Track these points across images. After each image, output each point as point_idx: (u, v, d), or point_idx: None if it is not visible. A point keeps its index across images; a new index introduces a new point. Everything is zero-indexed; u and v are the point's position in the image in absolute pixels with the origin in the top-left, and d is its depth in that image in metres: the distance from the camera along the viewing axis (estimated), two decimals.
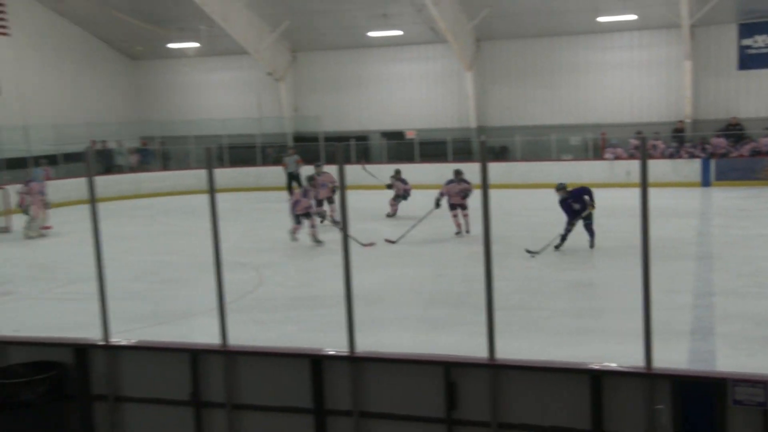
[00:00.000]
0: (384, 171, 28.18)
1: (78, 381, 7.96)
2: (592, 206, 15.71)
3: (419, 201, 20.44)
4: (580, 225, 15.76)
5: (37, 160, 26.97)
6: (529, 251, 15.37)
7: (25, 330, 9.77)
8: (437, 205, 18.33)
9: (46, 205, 20.54)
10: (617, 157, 27.25)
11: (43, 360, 8.06)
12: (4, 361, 8.20)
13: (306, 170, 24.64)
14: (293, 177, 26.19)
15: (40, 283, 14.75)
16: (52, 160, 28.04)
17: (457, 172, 18.68)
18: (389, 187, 22.33)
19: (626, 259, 14.06)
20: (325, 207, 19.71)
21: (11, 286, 13.90)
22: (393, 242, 17.19)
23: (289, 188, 25.86)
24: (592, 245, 15.78)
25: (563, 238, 15.57)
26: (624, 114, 28.91)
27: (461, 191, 18.24)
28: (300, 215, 16.99)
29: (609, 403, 6.55)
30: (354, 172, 25.63)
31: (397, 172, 22.65)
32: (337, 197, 19.05)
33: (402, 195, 22.07)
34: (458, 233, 18.06)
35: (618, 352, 7.59)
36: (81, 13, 31.35)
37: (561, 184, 16.35)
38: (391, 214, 21.73)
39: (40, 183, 20.85)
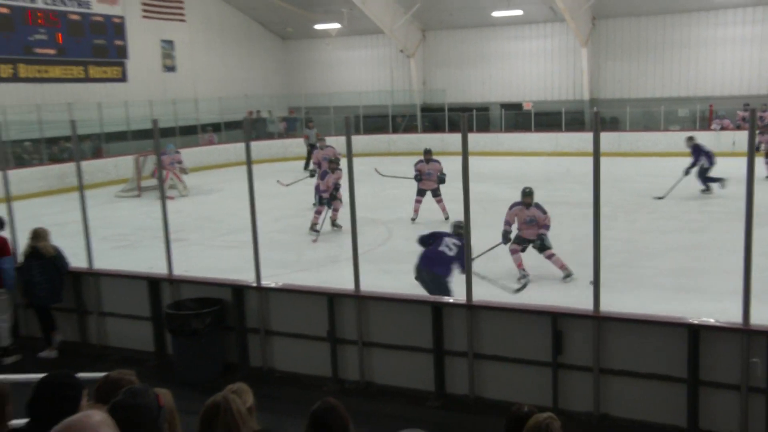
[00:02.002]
0: (502, 140, 28.01)
1: (235, 315, 8.30)
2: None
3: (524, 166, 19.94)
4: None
5: (204, 128, 27.94)
6: (657, 197, 16.44)
7: (194, 271, 10.13)
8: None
9: (184, 171, 21.12)
10: (723, 128, 25.85)
11: (208, 297, 8.44)
12: (178, 295, 8.62)
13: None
14: (313, 148, 25.54)
15: (206, 232, 15.31)
16: (216, 127, 29.05)
17: (426, 152, 16.04)
18: (417, 179, 16.11)
19: (728, 223, 13.51)
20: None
21: (183, 234, 14.37)
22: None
23: (308, 160, 24.68)
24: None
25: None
26: (733, 87, 27.45)
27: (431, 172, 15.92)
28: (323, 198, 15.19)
29: (706, 355, 6.42)
30: (474, 139, 25.45)
31: (427, 152, 16.50)
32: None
33: (435, 179, 16.09)
34: (414, 219, 15.58)
35: (716, 309, 7.33)
36: (243, 1, 32.05)
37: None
38: (414, 218, 15.85)
39: (170, 154, 20.88)
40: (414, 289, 9.01)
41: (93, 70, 26.90)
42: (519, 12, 29.16)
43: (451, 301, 7.53)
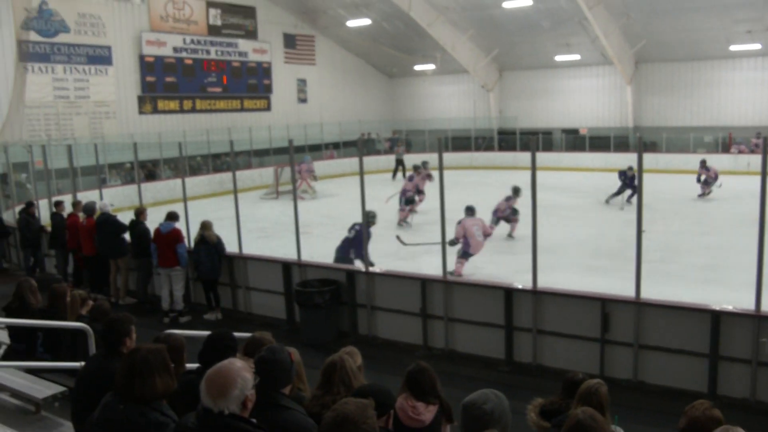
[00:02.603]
0: (562, 158, 27.35)
1: (348, 293, 8.40)
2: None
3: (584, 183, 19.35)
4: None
5: (326, 146, 28.38)
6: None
7: (317, 257, 10.24)
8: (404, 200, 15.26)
9: (315, 179, 21.44)
10: (740, 152, 24.96)
11: (328, 278, 8.57)
12: (305, 276, 8.80)
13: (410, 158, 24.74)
14: (399, 162, 25.45)
15: (327, 227, 15.34)
16: (336, 146, 29.42)
17: (468, 209, 11.27)
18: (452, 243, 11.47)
19: (745, 229, 12.81)
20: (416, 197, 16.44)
21: (310, 228, 14.58)
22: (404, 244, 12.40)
23: (395, 172, 25.18)
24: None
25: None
26: (748, 118, 26.21)
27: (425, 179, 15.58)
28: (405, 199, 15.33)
29: (725, 335, 6.32)
30: (540, 157, 24.91)
31: (424, 164, 16.85)
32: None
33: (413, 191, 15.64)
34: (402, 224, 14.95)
35: (734, 299, 6.99)
36: (359, 48, 32.35)
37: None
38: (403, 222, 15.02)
39: (308, 164, 21.39)
40: (492, 277, 8.90)
41: (247, 102, 27.76)
42: (577, 57, 28.56)
43: (520, 287, 7.39)
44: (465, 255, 10.61)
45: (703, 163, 18.21)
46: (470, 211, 10.64)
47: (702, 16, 23.16)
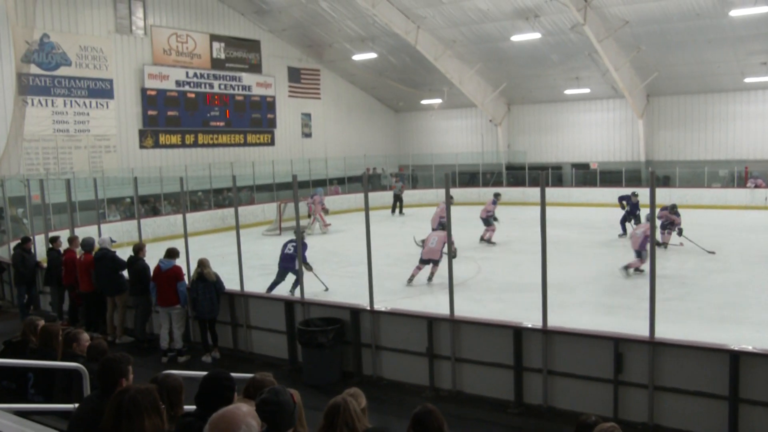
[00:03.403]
0: (572, 193, 27.38)
1: (353, 332, 8.34)
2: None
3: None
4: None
5: (331, 182, 28.52)
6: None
7: (321, 295, 10.26)
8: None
9: (326, 211, 21.81)
10: (757, 186, 24.91)
11: (331, 316, 8.52)
12: (308, 314, 8.75)
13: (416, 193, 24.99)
14: (397, 198, 25.78)
15: (330, 264, 15.43)
16: (341, 181, 29.56)
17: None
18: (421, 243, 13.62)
19: (762, 265, 12.77)
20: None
21: (313, 265, 14.52)
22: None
23: (394, 208, 25.62)
24: None
25: None
26: (764, 152, 26.28)
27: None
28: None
29: (745, 376, 6.19)
30: (549, 192, 24.96)
31: (496, 196, 18.34)
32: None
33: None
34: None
35: (754, 338, 6.92)
36: (365, 82, 32.76)
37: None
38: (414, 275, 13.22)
39: (321, 196, 21.97)
40: (500, 315, 8.85)
41: (250, 137, 28.03)
42: (587, 90, 28.80)
43: (529, 326, 7.34)
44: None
45: (673, 208, 15.93)
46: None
47: (715, 48, 23.39)
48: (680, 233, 15.69)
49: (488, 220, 17.34)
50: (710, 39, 22.71)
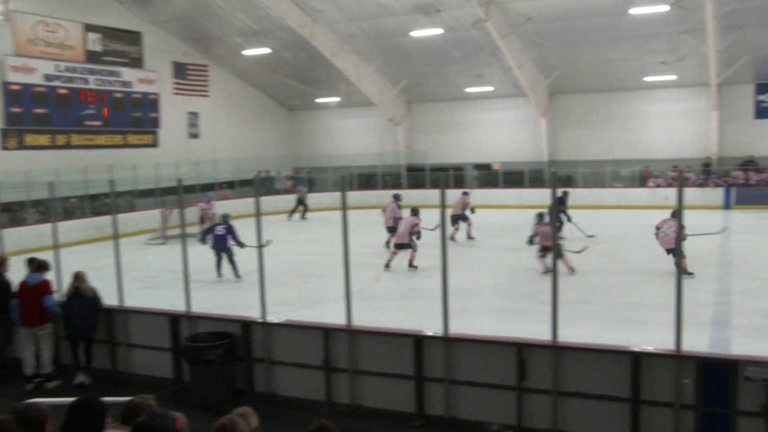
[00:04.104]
0: (475, 195, 28.14)
1: (243, 347, 8.20)
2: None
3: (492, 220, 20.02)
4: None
5: (220, 186, 27.96)
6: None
7: (209, 308, 10.02)
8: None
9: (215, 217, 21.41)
10: (658, 186, 26.51)
11: (220, 330, 8.34)
12: (195, 329, 8.53)
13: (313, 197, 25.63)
14: (301, 202, 26.14)
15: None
16: (231, 185, 29.05)
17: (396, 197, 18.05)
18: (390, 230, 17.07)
19: (662, 265, 13.53)
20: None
21: (201, 276, 14.27)
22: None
23: (293, 211, 25.99)
24: None
25: None
26: (664, 151, 28.00)
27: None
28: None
29: (646, 377, 6.49)
30: (451, 194, 25.53)
31: (396, 197, 18.56)
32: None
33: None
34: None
35: (654, 338, 7.32)
36: (257, 79, 32.36)
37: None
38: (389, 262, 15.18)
39: (212, 202, 21.79)
40: (399, 324, 8.95)
41: (131, 137, 27.04)
42: (489, 88, 29.71)
43: (430, 334, 7.46)
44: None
45: (540, 217, 14.84)
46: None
47: (617, 47, 24.70)
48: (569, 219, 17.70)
49: (463, 216, 18.37)
50: (612, 37, 23.94)
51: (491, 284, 13.44)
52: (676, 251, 13.88)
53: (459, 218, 18.33)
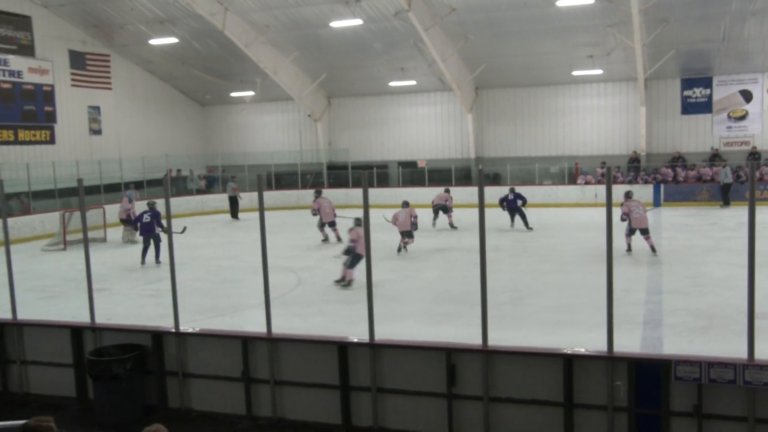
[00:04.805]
0: (400, 194, 28.39)
1: (155, 360, 8.02)
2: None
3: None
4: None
5: (128, 186, 27.20)
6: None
7: (116, 318, 9.79)
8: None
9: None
10: (587, 183, 27.36)
11: (129, 342, 8.14)
12: (100, 342, 8.30)
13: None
14: (234, 201, 26.13)
15: (128, 282, 14.72)
16: (138, 185, 28.28)
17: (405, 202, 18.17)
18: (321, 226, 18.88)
19: (594, 264, 13.95)
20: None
21: (106, 284, 13.92)
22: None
23: (234, 213, 26.01)
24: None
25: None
26: (594, 147, 28.97)
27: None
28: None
29: (578, 380, 6.64)
30: (375, 193, 25.67)
31: (317, 192, 20.00)
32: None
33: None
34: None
35: (587, 340, 7.54)
36: (165, 71, 31.60)
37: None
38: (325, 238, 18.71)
39: (134, 201, 21.66)
40: (322, 330, 8.93)
41: (22, 133, 25.90)
42: (412, 82, 29.97)
43: (355, 340, 7.47)
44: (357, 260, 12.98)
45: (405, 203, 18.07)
46: (358, 221, 13.19)
47: (543, 40, 25.27)
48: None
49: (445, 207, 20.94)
50: (538, 30, 24.46)
51: (418, 287, 13.55)
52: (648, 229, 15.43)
53: (440, 208, 21.08)
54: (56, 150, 26.73)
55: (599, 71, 27.24)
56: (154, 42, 27.57)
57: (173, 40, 27.06)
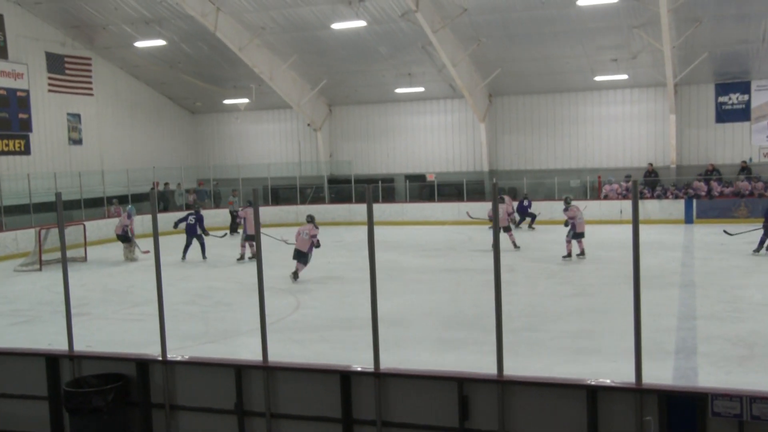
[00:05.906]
0: (407, 209, 28.40)
1: (140, 391, 7.96)
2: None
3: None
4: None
5: (110, 200, 27.27)
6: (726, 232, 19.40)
7: (97, 346, 9.76)
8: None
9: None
10: (606, 197, 27.42)
11: (111, 372, 8.08)
12: (79, 372, 8.23)
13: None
14: (235, 216, 26.29)
15: (111, 305, 14.71)
16: (122, 199, 28.34)
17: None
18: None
19: (619, 287, 13.89)
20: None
21: (87, 308, 13.90)
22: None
23: (233, 227, 26.32)
24: None
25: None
26: (617, 159, 29.04)
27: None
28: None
29: (603, 414, 6.52)
30: (379, 209, 25.64)
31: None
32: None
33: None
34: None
35: (612, 369, 7.48)
36: (151, 75, 31.84)
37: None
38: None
39: (134, 217, 21.86)
40: (323, 358, 8.88)
41: None
42: (420, 89, 30.07)
43: (359, 369, 7.42)
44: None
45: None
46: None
47: (562, 43, 25.39)
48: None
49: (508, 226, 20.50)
50: (557, 31, 24.55)
51: (427, 311, 13.49)
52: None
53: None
54: (31, 161, 26.86)
55: (624, 76, 27.31)
56: (139, 44, 27.75)
57: (161, 42, 27.22)
